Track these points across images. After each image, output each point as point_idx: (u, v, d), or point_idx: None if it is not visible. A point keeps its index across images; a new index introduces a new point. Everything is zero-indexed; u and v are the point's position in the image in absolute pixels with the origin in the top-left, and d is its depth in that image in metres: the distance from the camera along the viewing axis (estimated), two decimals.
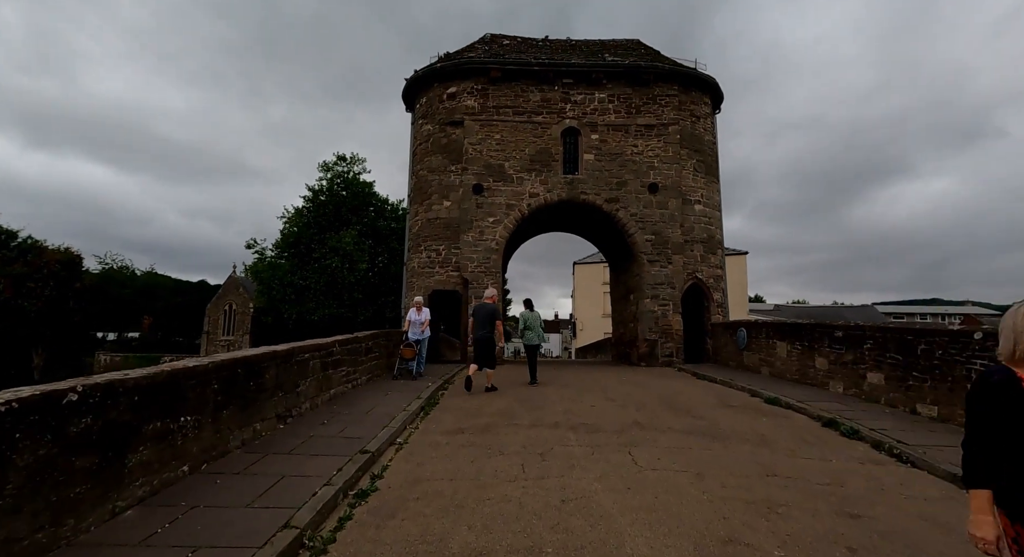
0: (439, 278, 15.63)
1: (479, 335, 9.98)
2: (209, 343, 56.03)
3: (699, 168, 16.33)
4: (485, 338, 9.96)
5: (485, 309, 10.19)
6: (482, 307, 10.27)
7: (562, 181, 15.66)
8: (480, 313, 10.17)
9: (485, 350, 9.98)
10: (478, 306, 10.49)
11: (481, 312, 10.18)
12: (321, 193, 37.59)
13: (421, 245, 16.06)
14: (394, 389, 9.48)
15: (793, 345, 10.92)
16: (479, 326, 10.04)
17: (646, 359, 15.24)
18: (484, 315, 10.11)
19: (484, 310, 10.18)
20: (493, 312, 10.20)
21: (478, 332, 10.02)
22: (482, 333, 9.96)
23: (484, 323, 10.03)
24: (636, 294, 15.96)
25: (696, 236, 15.92)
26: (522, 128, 15.81)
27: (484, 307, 10.25)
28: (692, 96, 16.53)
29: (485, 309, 10.19)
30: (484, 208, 15.52)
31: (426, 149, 16.42)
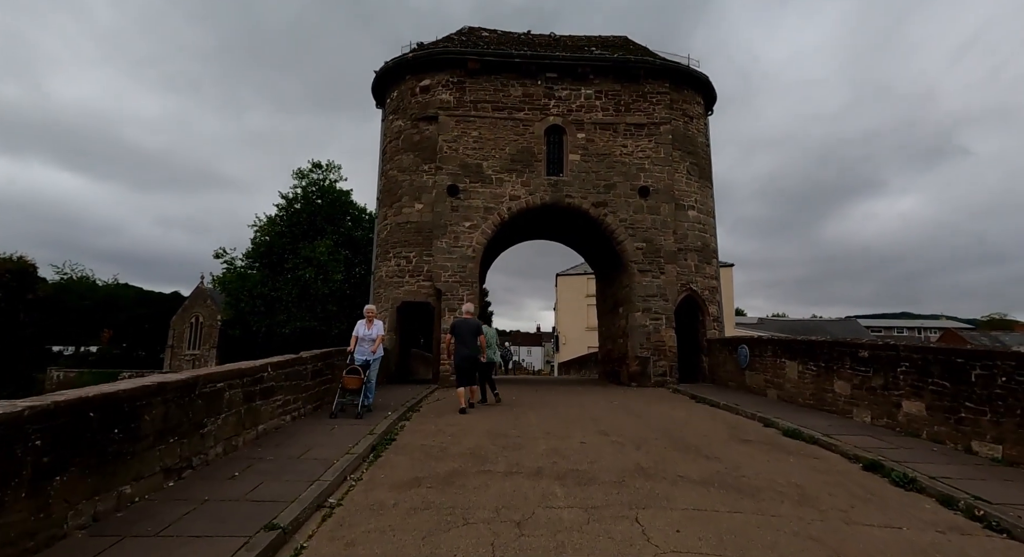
0: (409, 289, 14.10)
1: (465, 354, 9.27)
2: (173, 357, 53.15)
3: (692, 171, 15.18)
4: (472, 357, 9.35)
5: (468, 325, 9.43)
6: (465, 323, 9.46)
7: (545, 183, 14.34)
8: (463, 329, 9.36)
9: (472, 370, 9.48)
10: (459, 322, 9.51)
11: (464, 328, 9.37)
12: (295, 201, 36.04)
13: (390, 252, 14.53)
14: (344, 421, 7.89)
15: (806, 365, 9.65)
16: (463, 344, 9.31)
17: (637, 379, 13.87)
18: (468, 331, 9.35)
19: (467, 326, 9.41)
20: (477, 328, 9.55)
21: (462, 351, 9.29)
22: (467, 352, 9.29)
23: (468, 340, 9.32)
24: (626, 307, 14.63)
25: (690, 244, 14.71)
26: (502, 125, 14.49)
27: (467, 323, 9.47)
28: (684, 95, 15.44)
29: (468, 325, 9.43)
30: (460, 211, 14.09)
31: (396, 147, 14.97)
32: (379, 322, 9.12)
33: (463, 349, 9.22)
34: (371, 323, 8.91)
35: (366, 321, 8.90)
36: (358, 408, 8.15)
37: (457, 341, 9.28)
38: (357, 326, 8.86)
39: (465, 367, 9.29)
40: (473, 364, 9.38)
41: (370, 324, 8.89)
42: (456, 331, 9.36)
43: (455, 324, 9.52)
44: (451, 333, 9.46)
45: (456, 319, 9.89)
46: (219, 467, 5.27)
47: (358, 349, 8.73)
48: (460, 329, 9.34)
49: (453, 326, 9.55)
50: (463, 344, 9.24)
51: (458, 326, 9.40)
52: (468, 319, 9.59)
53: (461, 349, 9.22)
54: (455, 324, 9.52)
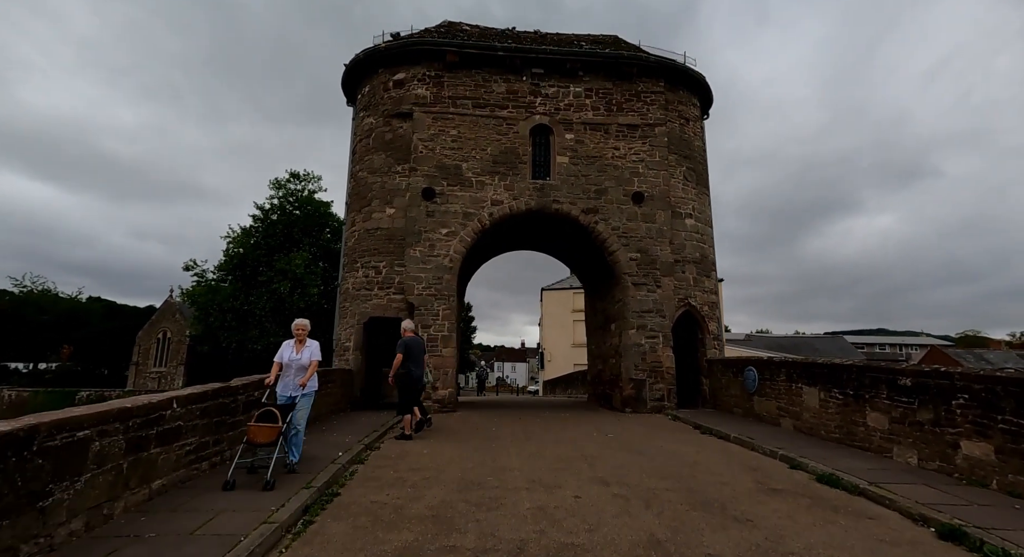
0: (378, 302, 12.61)
1: (417, 375, 8.85)
2: (138, 375, 50.36)
3: (689, 177, 14.05)
4: (421, 379, 8.99)
5: (419, 344, 9.04)
6: (416, 342, 8.97)
7: (531, 187, 13.06)
8: (415, 349, 8.85)
9: (420, 393, 9.23)
10: (411, 341, 8.88)
11: (416, 348, 8.89)
12: (272, 212, 34.56)
13: (357, 262, 13.05)
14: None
15: (829, 393, 8.37)
16: (415, 365, 8.83)
17: (632, 403, 12.49)
18: (419, 351, 8.93)
19: (419, 346, 9.01)
20: (424, 346, 9.31)
21: (415, 372, 8.80)
22: (419, 373, 8.91)
23: (419, 361, 8.92)
24: (619, 323, 13.30)
25: (688, 255, 13.50)
26: (483, 123, 13.22)
27: (417, 342, 9.03)
28: (680, 95, 14.38)
29: (419, 344, 9.04)
30: (436, 217, 12.71)
31: (367, 146, 13.59)
32: (313, 343, 6.47)
33: (416, 370, 8.72)
34: (302, 344, 6.36)
35: (295, 341, 6.41)
36: (268, 473, 5.39)
37: (409, 362, 8.64)
38: (282, 349, 6.41)
39: (416, 390, 8.86)
40: (421, 388, 9.11)
41: (300, 345, 6.34)
42: (409, 350, 8.65)
43: (408, 343, 8.73)
44: (403, 353, 8.61)
45: (408, 338, 8.91)
46: (69, 553, 3.72)
47: (281, 382, 6.34)
48: (412, 349, 8.71)
49: (407, 345, 8.69)
50: (416, 365, 8.74)
51: (410, 345, 8.72)
52: (417, 338, 9.11)
53: (414, 370, 8.68)
54: (408, 343, 8.73)
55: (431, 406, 11.93)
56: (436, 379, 12.03)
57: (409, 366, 8.60)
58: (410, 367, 8.61)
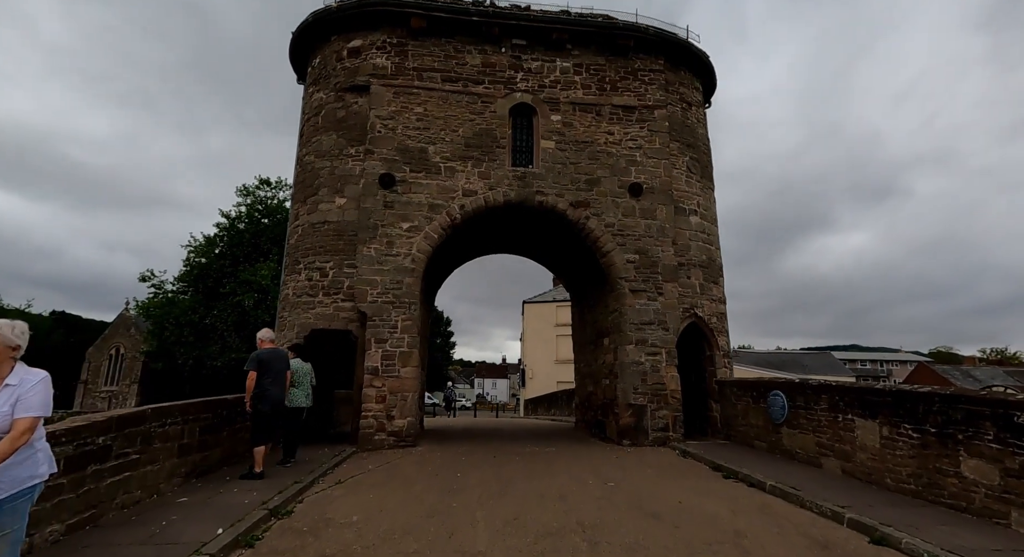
0: (322, 311, 10.34)
1: (276, 397, 7.15)
2: (86, 394, 46.51)
3: (693, 168, 12.19)
4: (282, 401, 7.41)
5: (281, 359, 7.43)
6: (276, 355, 7.34)
7: (510, 175, 11.03)
8: (275, 364, 7.21)
9: (279, 420, 7.41)
10: (268, 355, 7.16)
11: (276, 363, 7.25)
12: (239, 220, 32.08)
13: (300, 262, 10.79)
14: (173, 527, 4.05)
15: (897, 428, 6.37)
16: (274, 384, 7.15)
17: (630, 434, 10.36)
18: (280, 368, 7.32)
19: (281, 360, 7.42)
20: (287, 363, 7.59)
21: (273, 393, 7.09)
22: (279, 394, 7.26)
23: (280, 379, 7.31)
24: (614, 338, 11.23)
25: (693, 258, 11.56)
26: (455, 100, 11.20)
27: (279, 355, 7.46)
28: (681, 76, 12.59)
29: (281, 359, 7.43)
30: (396, 209, 10.57)
31: (315, 125, 11.44)
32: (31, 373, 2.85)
33: (274, 391, 7.09)
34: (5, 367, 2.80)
35: None
36: None
37: (265, 380, 7.00)
38: None
39: (272, 416, 7.08)
40: (281, 411, 7.38)
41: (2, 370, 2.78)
42: (265, 366, 7.04)
43: (263, 357, 7.08)
44: (257, 369, 6.95)
45: (264, 350, 7.23)
46: None
47: None
48: (271, 364, 7.12)
49: (261, 360, 7.03)
50: (275, 384, 7.13)
51: (268, 360, 7.10)
52: (277, 350, 7.56)
53: (271, 391, 7.05)
54: (263, 357, 7.08)
55: (384, 440, 9.66)
56: (393, 407, 9.78)
57: (265, 385, 6.95)
58: (266, 386, 6.96)
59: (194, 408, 6.55)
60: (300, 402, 8.16)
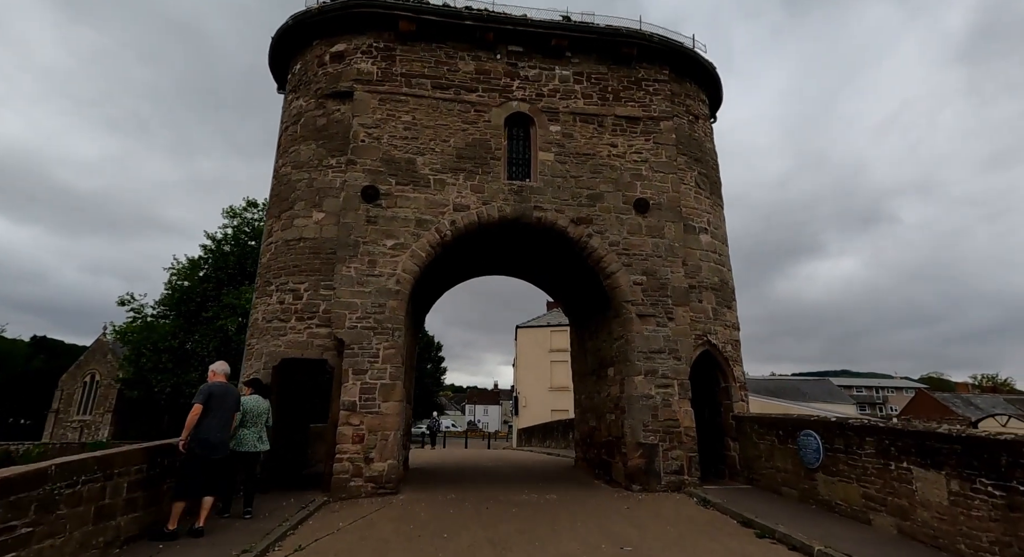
0: (294, 338, 9.20)
1: (218, 440, 6.10)
2: (57, 424, 44.14)
3: (702, 183, 11.35)
4: (226, 445, 6.32)
5: (231, 394, 6.39)
6: (230, 393, 6.38)
7: (506, 189, 10.11)
8: (227, 403, 6.27)
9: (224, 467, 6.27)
10: (217, 389, 6.18)
11: (229, 402, 6.30)
12: (224, 242, 30.98)
13: (272, 283, 9.70)
14: None
15: (971, 483, 5.31)
16: (222, 425, 6.16)
17: (640, 477, 9.19)
18: (228, 405, 6.30)
19: (231, 396, 6.39)
20: (239, 400, 6.61)
21: (215, 435, 6.06)
22: (222, 437, 6.18)
23: (227, 418, 6.31)
24: (620, 368, 10.15)
25: (705, 280, 10.61)
26: (446, 108, 10.35)
27: (232, 393, 6.42)
28: (687, 87, 11.87)
29: (231, 394, 6.39)
30: (379, 224, 9.57)
31: (293, 134, 10.51)
32: None
33: (217, 435, 6.03)
34: None
35: None
36: None
37: (210, 420, 5.98)
38: None
39: (213, 462, 6.00)
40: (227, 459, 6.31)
41: None
42: (216, 402, 6.04)
43: (213, 391, 6.11)
44: (204, 402, 5.96)
45: (214, 383, 6.27)
46: None
47: None
48: (222, 402, 6.13)
49: (212, 394, 6.06)
50: (221, 428, 6.10)
51: (216, 394, 6.10)
52: (230, 386, 6.43)
53: (214, 435, 6.00)
54: (213, 391, 6.11)
55: (361, 487, 8.43)
56: (371, 448, 8.58)
57: (207, 426, 5.93)
58: (208, 428, 5.94)
59: (123, 459, 5.36)
60: (250, 446, 6.98)
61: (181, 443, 5.73)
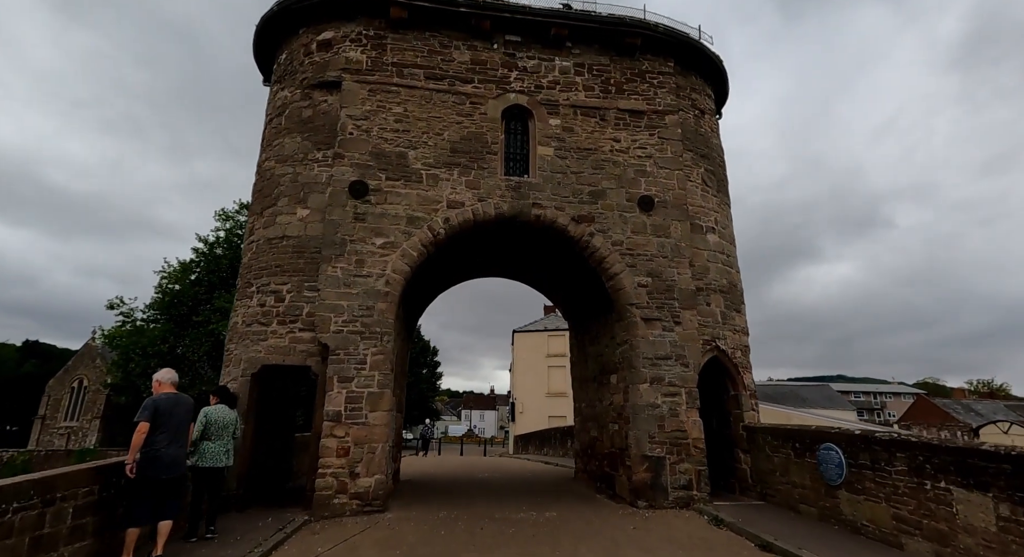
0: (276, 343, 8.57)
1: (173, 456, 5.36)
2: (43, 431, 43.20)
3: (709, 181, 10.82)
4: (181, 462, 5.57)
5: (181, 405, 5.63)
6: (179, 403, 5.61)
7: (503, 185, 9.54)
8: (178, 415, 5.51)
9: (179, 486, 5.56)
10: (165, 402, 5.44)
11: (179, 414, 5.54)
12: (217, 245, 30.31)
13: (252, 284, 9.08)
14: None
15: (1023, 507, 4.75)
16: (175, 441, 5.41)
17: (646, 492, 8.59)
18: (180, 416, 5.55)
19: (181, 406, 5.62)
20: (191, 409, 5.79)
21: (169, 451, 5.32)
22: (176, 452, 5.44)
23: (181, 431, 5.55)
24: (623, 375, 9.56)
25: (712, 282, 10.05)
26: (439, 100, 9.79)
27: (178, 401, 5.61)
28: (692, 81, 11.35)
29: (181, 405, 5.63)
30: (368, 221, 8.98)
31: (278, 127, 9.93)
32: None
33: (170, 451, 5.31)
34: None
35: None
36: None
37: (159, 437, 5.27)
38: None
39: (166, 482, 5.29)
40: (182, 478, 5.63)
41: None
42: (162, 417, 5.32)
43: (162, 404, 5.38)
44: (151, 420, 5.24)
45: (160, 395, 5.52)
46: None
47: None
48: (171, 415, 5.41)
49: (158, 408, 5.33)
50: (174, 443, 5.38)
51: (167, 410, 5.38)
52: (180, 396, 5.68)
53: (167, 452, 5.28)
54: (162, 404, 5.38)
55: (346, 504, 7.79)
56: (357, 462, 7.95)
57: (158, 443, 5.23)
58: (158, 446, 5.23)
59: (67, 481, 4.73)
60: (217, 461, 6.38)
61: (128, 467, 5.09)
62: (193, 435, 6.41)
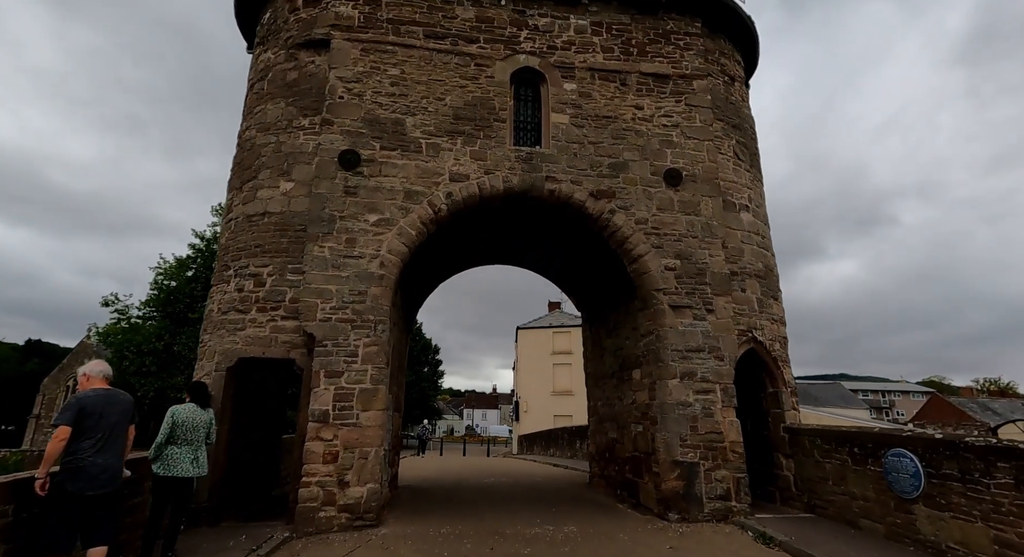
0: (255, 333, 7.52)
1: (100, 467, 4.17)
2: (38, 430, 42.24)
3: (742, 154, 9.73)
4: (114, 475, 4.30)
5: (117, 403, 4.40)
6: (113, 401, 4.38)
7: (512, 156, 8.47)
8: (110, 415, 4.29)
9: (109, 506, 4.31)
10: (94, 398, 4.27)
11: (111, 409, 4.32)
12: (214, 241, 29.35)
13: (230, 267, 8.03)
14: None
15: None
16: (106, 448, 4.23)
17: (676, 503, 7.51)
18: (119, 421, 4.36)
19: (117, 405, 4.39)
20: (130, 410, 4.51)
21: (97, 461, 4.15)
22: (104, 461, 4.20)
23: (116, 440, 4.33)
24: (649, 370, 8.48)
25: (747, 266, 8.96)
26: (441, 62, 8.72)
27: (111, 399, 4.37)
28: (721, 44, 10.26)
29: (117, 403, 4.40)
30: (360, 196, 7.92)
31: (260, 92, 8.87)
32: None
33: (98, 461, 4.14)
34: None
35: None
36: None
37: (82, 443, 4.10)
38: None
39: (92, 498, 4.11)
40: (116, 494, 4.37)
41: None
42: (89, 419, 4.15)
43: (88, 403, 4.20)
44: (72, 423, 4.06)
45: (87, 392, 4.33)
46: None
47: None
48: (101, 416, 4.22)
49: (83, 408, 4.14)
50: (104, 450, 4.19)
51: (95, 410, 4.20)
52: (114, 392, 4.45)
53: (94, 462, 4.11)
54: (88, 403, 4.20)
55: (333, 518, 6.74)
56: (347, 469, 6.90)
57: (81, 451, 4.09)
58: (82, 454, 4.08)
59: None
60: (184, 470, 5.34)
61: (38, 482, 4.01)
62: (158, 437, 5.43)
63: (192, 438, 5.49)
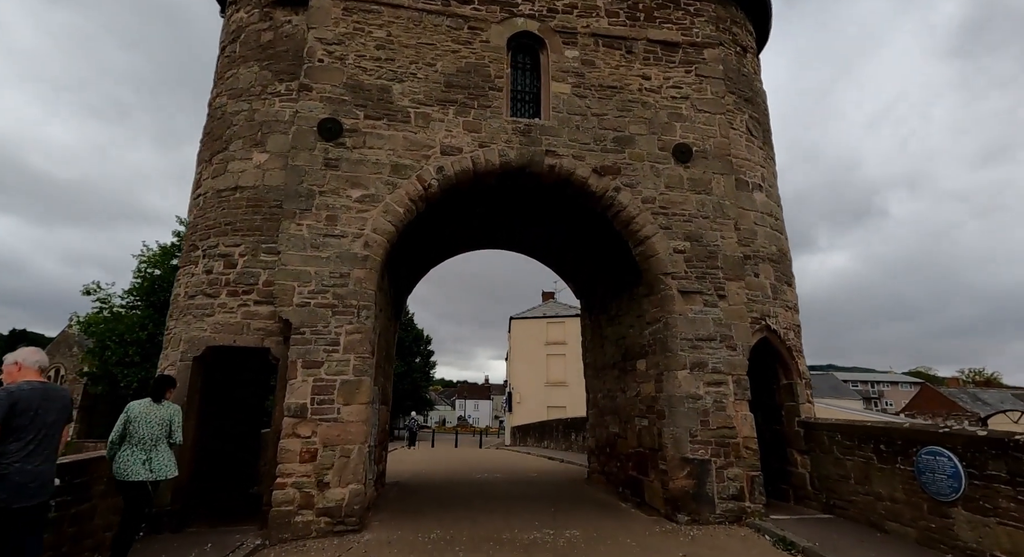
0: (225, 319, 6.81)
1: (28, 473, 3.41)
2: None
3: (755, 130, 9.09)
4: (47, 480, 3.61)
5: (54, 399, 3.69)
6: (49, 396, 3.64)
7: (509, 128, 7.76)
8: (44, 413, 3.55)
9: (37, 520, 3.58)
10: (27, 393, 3.48)
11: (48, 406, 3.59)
12: None
13: (198, 247, 7.29)
14: None
15: None
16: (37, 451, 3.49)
17: (686, 503, 6.95)
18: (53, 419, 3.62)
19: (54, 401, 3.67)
20: (69, 407, 3.81)
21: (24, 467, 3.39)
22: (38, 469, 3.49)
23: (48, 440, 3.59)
24: (655, 360, 7.88)
25: (761, 249, 8.36)
26: (431, 24, 7.97)
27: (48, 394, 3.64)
28: (733, 13, 9.58)
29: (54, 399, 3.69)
30: (342, 169, 7.19)
31: (232, 56, 8.08)
32: None
33: (25, 466, 3.41)
34: None
35: None
36: None
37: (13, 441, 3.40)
38: None
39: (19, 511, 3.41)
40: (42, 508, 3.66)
41: None
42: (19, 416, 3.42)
43: (19, 398, 3.44)
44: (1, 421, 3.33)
45: (22, 385, 3.56)
46: None
47: None
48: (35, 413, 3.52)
49: (14, 404, 3.40)
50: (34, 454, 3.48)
51: (25, 403, 3.47)
52: (49, 386, 3.74)
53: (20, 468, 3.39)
54: (19, 398, 3.44)
55: (311, 523, 6.10)
56: (327, 469, 6.25)
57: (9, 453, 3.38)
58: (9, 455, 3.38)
59: None
60: (134, 472, 4.67)
61: None
62: (111, 435, 4.78)
63: (143, 436, 4.81)
